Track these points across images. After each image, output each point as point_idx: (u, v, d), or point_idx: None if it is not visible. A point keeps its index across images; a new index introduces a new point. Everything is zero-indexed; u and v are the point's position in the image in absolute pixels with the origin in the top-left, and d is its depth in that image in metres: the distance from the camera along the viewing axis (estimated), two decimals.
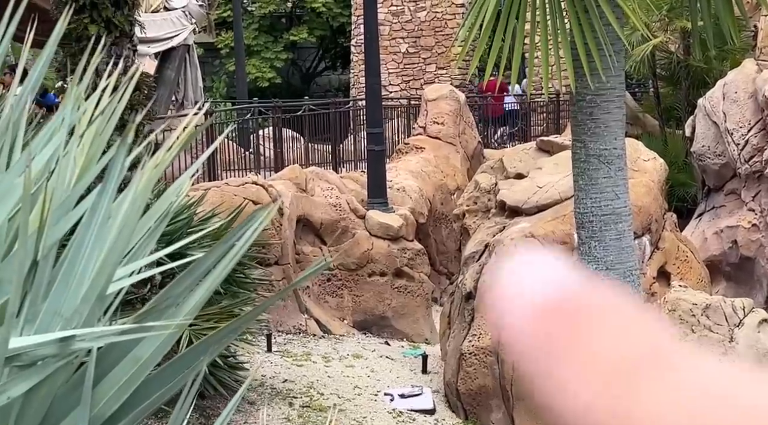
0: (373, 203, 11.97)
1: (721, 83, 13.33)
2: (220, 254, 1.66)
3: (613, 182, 4.86)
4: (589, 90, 4.69)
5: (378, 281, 11.72)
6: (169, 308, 1.63)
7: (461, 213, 10.41)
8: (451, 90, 14.90)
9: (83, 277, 1.56)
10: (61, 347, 1.52)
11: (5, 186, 1.56)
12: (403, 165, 13.78)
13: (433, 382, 9.84)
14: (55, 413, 1.61)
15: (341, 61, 26.33)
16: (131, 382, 1.61)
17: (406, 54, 21.02)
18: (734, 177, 12.90)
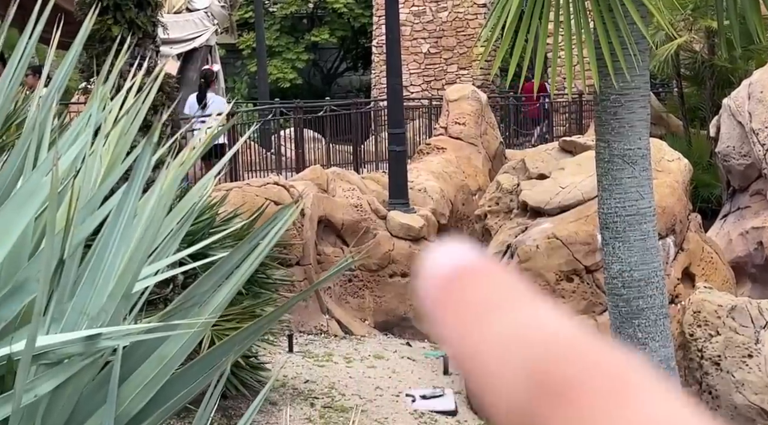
0: (395, 204, 11.96)
1: (746, 83, 13.22)
2: (244, 254, 1.65)
3: (637, 183, 4.82)
4: (613, 89, 4.66)
5: (399, 282, 11.71)
6: (193, 308, 1.63)
7: (483, 214, 10.39)
8: (473, 90, 14.85)
9: (109, 275, 1.56)
10: (87, 345, 1.52)
11: (32, 185, 1.56)
12: (425, 166, 13.76)
13: (454, 383, 9.81)
14: (81, 411, 1.61)
15: (362, 61, 26.35)
16: (156, 381, 1.61)
17: (427, 54, 21.00)
18: (760, 178, 12.78)
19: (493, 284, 0.32)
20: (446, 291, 0.32)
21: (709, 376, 6.86)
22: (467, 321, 0.31)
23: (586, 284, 8.87)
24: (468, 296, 0.32)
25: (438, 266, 0.33)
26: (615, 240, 4.83)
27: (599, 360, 0.31)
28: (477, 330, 0.31)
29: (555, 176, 9.88)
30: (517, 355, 0.30)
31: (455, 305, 0.32)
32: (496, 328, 0.31)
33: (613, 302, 4.95)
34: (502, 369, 0.31)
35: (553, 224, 9.17)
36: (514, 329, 0.31)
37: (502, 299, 0.32)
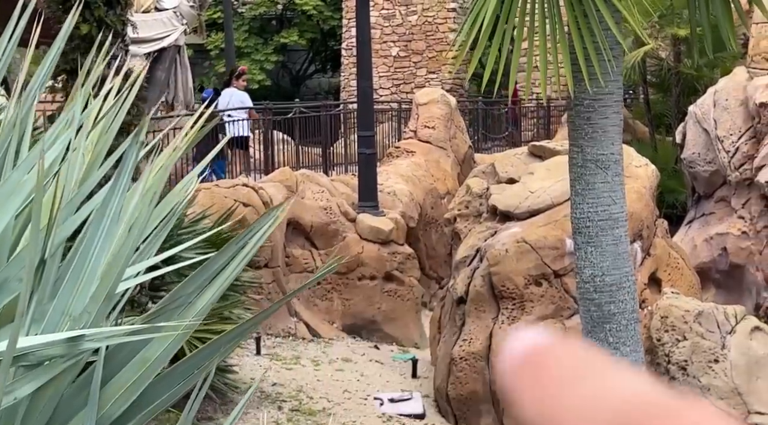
0: (364, 207, 11.95)
1: (712, 91, 13.38)
2: (229, 257, 1.63)
3: (610, 188, 4.85)
4: (587, 95, 4.68)
5: (368, 285, 11.70)
6: (177, 310, 1.61)
7: (452, 217, 10.40)
8: (442, 94, 14.90)
9: (93, 276, 1.53)
10: (69, 347, 1.49)
11: (12, 184, 1.53)
12: (394, 169, 13.77)
13: (423, 387, 9.82)
14: (61, 413, 1.58)
15: (331, 64, 26.31)
16: (139, 383, 1.59)
17: (396, 58, 21.02)
18: (724, 184, 12.93)
19: (571, 358, 0.33)
20: (526, 369, 0.33)
21: (676, 381, 6.92)
22: (548, 392, 0.32)
23: (555, 288, 8.92)
24: (547, 371, 0.32)
25: (516, 347, 0.33)
26: (587, 245, 4.85)
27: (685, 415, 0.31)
28: (558, 399, 0.32)
29: (524, 181, 9.92)
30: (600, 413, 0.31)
31: (535, 380, 0.32)
32: (577, 395, 0.31)
33: (585, 307, 4.97)
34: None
35: (523, 228, 9.20)
36: (595, 393, 0.31)
37: (581, 370, 0.32)
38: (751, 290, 12.03)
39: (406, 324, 11.85)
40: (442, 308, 10.18)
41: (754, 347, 6.97)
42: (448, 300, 9.78)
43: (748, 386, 6.82)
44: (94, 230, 1.51)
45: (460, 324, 9.25)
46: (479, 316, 9.12)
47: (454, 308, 9.42)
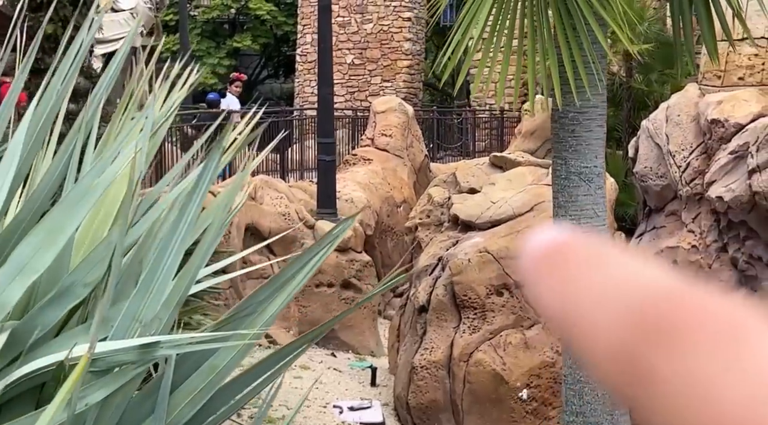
0: (323, 214, 11.94)
1: (664, 106, 13.62)
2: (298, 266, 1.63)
3: (593, 200, 4.91)
4: (572, 107, 4.73)
5: (325, 292, 11.68)
6: (247, 318, 1.60)
7: (414, 226, 10.44)
8: (399, 103, 14.95)
9: (165, 282, 1.52)
10: (142, 353, 1.47)
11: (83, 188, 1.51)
12: (351, 176, 13.77)
13: (382, 395, 9.82)
14: (128, 420, 1.56)
15: (284, 69, 26.22)
16: (207, 391, 1.58)
17: (351, 65, 21.03)
18: (675, 198, 13.16)
19: (590, 250, 0.32)
20: (544, 260, 0.32)
21: None
22: (564, 282, 0.32)
23: (516, 298, 8.99)
24: (565, 261, 0.32)
25: (536, 242, 0.33)
26: None
27: (710, 302, 0.30)
28: (574, 287, 0.31)
29: (486, 191, 10.00)
30: (619, 301, 0.30)
31: (553, 270, 0.32)
32: (594, 282, 0.31)
33: None
34: (602, 316, 0.30)
35: (485, 238, 9.27)
36: (613, 281, 0.31)
37: (599, 259, 0.32)
38: None
39: (363, 331, 11.84)
40: (402, 317, 10.20)
41: None
42: (408, 309, 9.80)
43: None
44: (171, 234, 1.50)
45: (421, 333, 9.28)
46: (441, 325, 9.16)
47: (415, 316, 9.44)
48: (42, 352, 1.55)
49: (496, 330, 8.92)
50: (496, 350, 8.82)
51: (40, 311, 1.54)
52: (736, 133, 12.08)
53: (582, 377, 4.92)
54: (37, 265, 1.50)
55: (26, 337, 1.54)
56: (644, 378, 0.29)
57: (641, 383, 0.29)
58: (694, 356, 0.29)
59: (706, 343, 0.29)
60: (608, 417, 4.88)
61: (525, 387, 8.66)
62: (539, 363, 8.66)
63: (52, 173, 1.55)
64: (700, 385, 0.28)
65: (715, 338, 0.29)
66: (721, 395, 0.28)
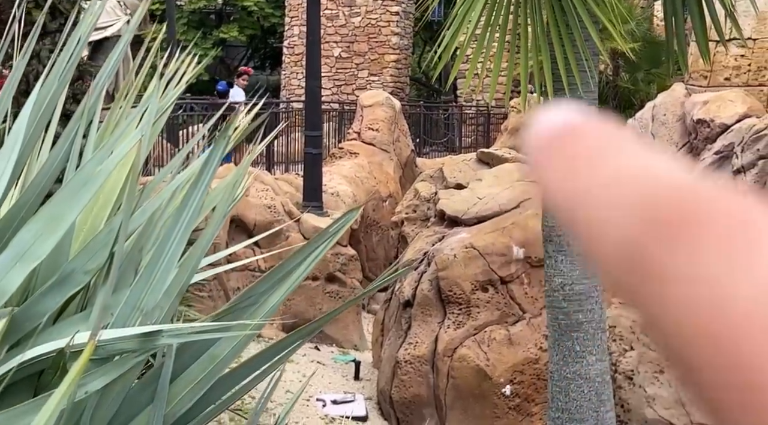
0: (308, 207, 11.91)
1: (650, 105, 13.67)
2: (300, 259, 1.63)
3: None
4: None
5: (310, 286, 11.66)
6: (248, 309, 1.60)
7: (400, 221, 10.43)
8: (387, 97, 14.93)
9: (168, 270, 1.51)
10: (143, 342, 1.47)
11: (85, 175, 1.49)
12: (337, 170, 13.75)
13: (365, 389, 9.82)
14: (127, 409, 1.55)
15: (270, 61, 26.14)
16: (207, 380, 1.57)
17: (338, 58, 20.99)
18: None
19: (601, 135, 0.31)
20: (552, 144, 0.31)
21: (622, 390, 7.05)
22: (573, 169, 0.30)
23: (501, 295, 9.01)
24: (574, 147, 0.31)
25: (548, 121, 0.31)
26: (558, 254, 4.91)
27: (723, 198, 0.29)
28: (584, 173, 0.30)
29: (472, 187, 10.01)
30: (629, 192, 0.29)
31: (561, 156, 0.31)
32: (607, 168, 0.30)
33: (553, 315, 5.03)
34: (609, 207, 0.29)
35: (471, 234, 9.28)
36: (627, 168, 0.29)
37: (610, 148, 0.30)
38: None
39: (347, 325, 11.83)
40: (386, 311, 10.20)
41: None
42: (393, 303, 9.80)
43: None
44: (174, 224, 1.49)
45: (406, 328, 9.28)
46: (425, 320, 9.17)
47: (400, 311, 9.45)
48: (41, 339, 1.54)
49: (480, 325, 8.93)
50: (480, 345, 8.84)
51: (40, 298, 1.53)
52: (721, 133, 12.14)
53: (568, 373, 4.94)
54: (37, 251, 1.49)
55: (26, 324, 1.53)
56: (651, 275, 0.28)
57: (648, 280, 0.28)
58: (704, 251, 0.27)
59: (717, 239, 0.27)
60: (594, 414, 4.90)
61: (508, 383, 8.68)
62: (523, 359, 8.68)
63: (53, 160, 1.54)
64: (708, 282, 0.27)
65: (726, 234, 0.28)
66: (730, 292, 0.27)
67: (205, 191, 1.47)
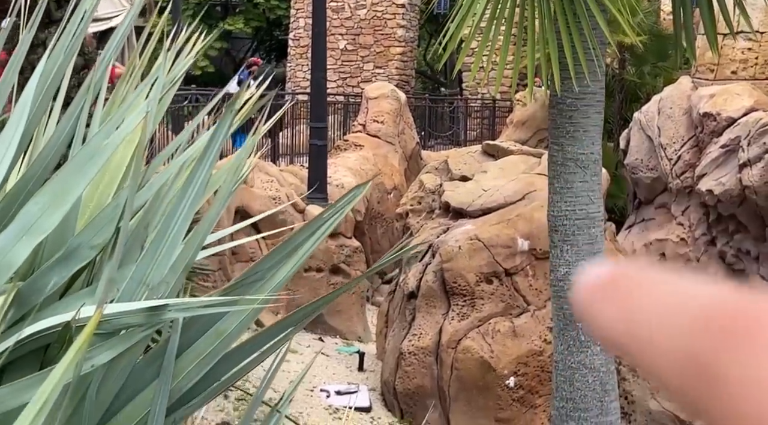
0: (313, 198, 11.91)
1: (656, 98, 13.64)
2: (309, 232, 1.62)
3: (588, 187, 4.91)
4: (570, 93, 4.72)
5: (314, 277, 11.66)
6: (256, 283, 1.59)
7: (404, 212, 10.43)
8: (392, 89, 14.92)
9: (173, 246, 1.50)
10: (149, 316, 1.46)
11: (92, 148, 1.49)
12: (342, 162, 13.75)
13: (369, 380, 9.83)
14: (132, 383, 1.55)
15: (276, 53, 26.13)
16: (213, 356, 1.57)
17: (344, 51, 20.97)
18: (665, 191, 13.20)
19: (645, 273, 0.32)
20: (600, 291, 0.33)
21: (626, 382, 7.04)
22: (623, 308, 0.32)
23: (505, 286, 9.00)
24: (621, 290, 0.32)
25: (590, 274, 0.33)
26: (563, 243, 4.90)
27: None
28: (633, 312, 0.31)
29: (477, 179, 10.00)
30: (682, 313, 0.30)
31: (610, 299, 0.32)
32: (655, 300, 0.31)
33: (558, 305, 5.02)
34: (666, 331, 0.30)
35: (476, 226, 9.27)
36: (674, 295, 0.31)
37: (656, 280, 0.32)
38: None
39: (351, 317, 11.84)
40: (390, 302, 10.21)
41: None
42: (397, 295, 9.80)
43: None
44: (180, 199, 1.48)
45: (410, 319, 9.28)
46: (429, 312, 9.17)
47: (405, 302, 9.45)
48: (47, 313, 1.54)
49: (484, 317, 8.93)
50: (484, 337, 8.84)
51: (46, 272, 1.52)
52: (727, 127, 12.12)
53: (572, 363, 4.94)
54: (44, 225, 1.49)
55: (31, 298, 1.53)
56: (714, 385, 0.29)
57: (712, 391, 0.29)
58: (764, 358, 0.29)
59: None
60: (598, 404, 4.90)
61: (512, 375, 8.68)
62: (527, 352, 8.68)
63: (60, 134, 1.54)
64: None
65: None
66: None
67: (211, 167, 1.47)
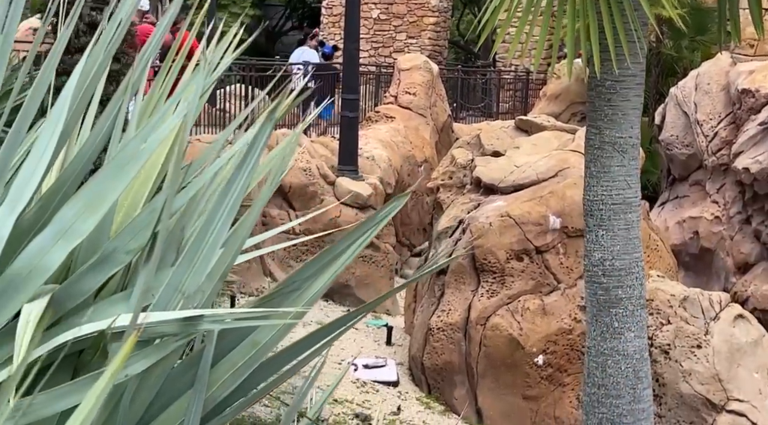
0: (344, 170, 11.87)
1: (694, 74, 13.42)
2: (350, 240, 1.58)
3: (626, 171, 4.83)
4: (610, 75, 4.63)
5: None
6: (293, 294, 1.55)
7: (435, 187, 10.36)
8: (425, 61, 14.78)
9: (211, 252, 1.47)
10: (184, 326, 1.43)
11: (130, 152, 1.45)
12: (373, 133, 13.67)
13: (396, 354, 9.83)
14: (166, 393, 1.52)
15: (308, 21, 25.99)
16: (248, 366, 1.54)
17: (377, 20, 20.80)
18: (700, 168, 13.03)
19: None
20: None
21: (657, 364, 6.98)
22: None
23: (535, 264, 8.94)
24: None
25: None
26: (599, 228, 4.83)
27: None
28: None
29: (510, 155, 9.90)
30: None
31: None
32: None
33: (592, 290, 4.96)
34: None
35: (507, 202, 9.19)
36: None
37: None
38: (719, 274, 12.18)
39: (380, 290, 11.82)
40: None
41: (736, 334, 7.05)
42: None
43: (729, 373, 6.90)
44: (219, 204, 1.44)
45: (439, 295, 9.25)
46: (459, 288, 9.13)
47: (434, 278, 9.41)
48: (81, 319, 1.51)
49: (514, 294, 8.88)
50: (513, 315, 8.79)
51: (81, 277, 1.49)
52: (766, 103, 11.90)
53: (605, 349, 4.89)
54: (79, 230, 1.45)
55: (66, 302, 1.50)
56: None
57: None
58: None
59: None
60: (630, 391, 4.85)
61: (541, 353, 8.64)
62: (556, 330, 8.63)
63: (96, 135, 1.50)
64: None
65: None
66: None
67: (252, 174, 1.43)
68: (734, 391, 6.88)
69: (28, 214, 1.45)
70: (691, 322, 7.00)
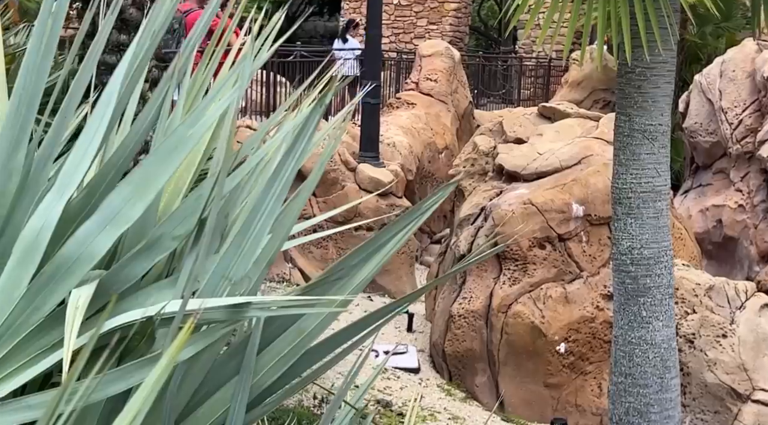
0: (365, 157, 11.86)
1: (719, 61, 13.30)
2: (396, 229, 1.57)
3: (655, 159, 4.79)
4: (640, 62, 4.59)
5: (364, 236, 11.64)
6: (339, 281, 1.55)
7: (457, 174, 10.33)
8: (446, 47, 14.73)
9: (258, 239, 1.46)
10: (232, 313, 1.43)
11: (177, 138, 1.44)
12: (394, 120, 13.65)
13: (418, 341, 9.83)
14: (212, 380, 1.52)
15: (329, 7, 25.94)
16: (293, 354, 1.53)
17: (398, 6, 20.74)
18: (724, 156, 12.93)
19: None
20: None
21: (682, 353, 6.95)
22: None
23: (558, 252, 8.91)
24: None
25: None
26: (627, 216, 4.80)
27: None
28: None
29: (533, 142, 9.86)
30: None
31: None
32: None
33: (620, 279, 4.94)
34: None
35: (530, 190, 9.16)
36: None
37: None
38: (743, 263, 12.10)
39: (400, 276, 11.83)
40: (441, 264, 10.17)
41: (762, 324, 7.01)
42: (448, 257, 9.75)
43: (755, 362, 6.86)
44: (266, 191, 1.44)
45: (460, 282, 9.24)
46: (480, 275, 9.11)
47: (455, 265, 9.39)
48: (128, 304, 1.51)
49: (536, 282, 8.85)
50: (535, 303, 8.77)
51: (128, 263, 1.49)
52: None
53: (633, 338, 4.86)
54: (126, 216, 1.45)
55: (114, 287, 1.50)
56: None
57: None
58: None
59: None
60: (658, 380, 4.83)
61: (563, 341, 8.61)
62: (579, 318, 8.60)
63: (143, 121, 1.49)
64: None
65: None
66: None
67: (300, 161, 1.42)
68: (760, 381, 6.84)
69: (76, 200, 1.45)
70: (717, 311, 6.96)
